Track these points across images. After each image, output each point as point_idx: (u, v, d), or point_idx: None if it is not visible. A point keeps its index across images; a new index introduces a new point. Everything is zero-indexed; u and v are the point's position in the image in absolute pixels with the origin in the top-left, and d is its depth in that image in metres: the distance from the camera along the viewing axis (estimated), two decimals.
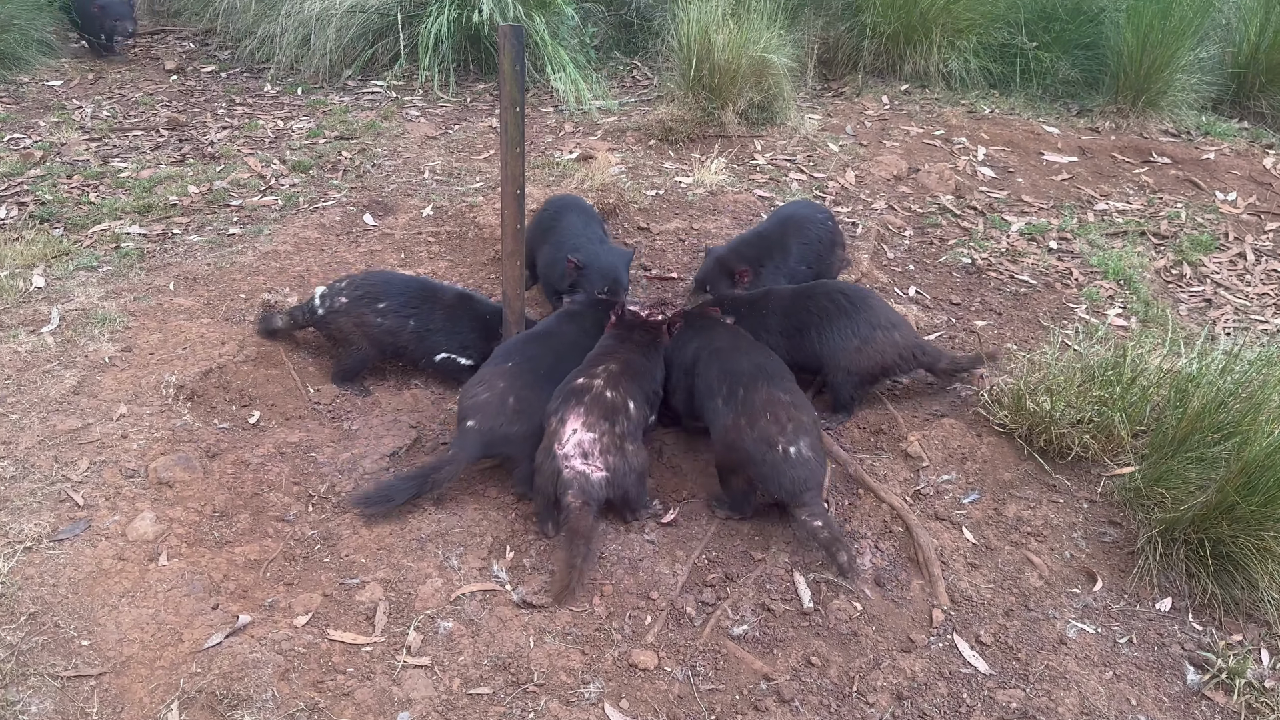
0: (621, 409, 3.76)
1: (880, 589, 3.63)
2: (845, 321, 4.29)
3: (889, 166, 7.10)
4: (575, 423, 3.66)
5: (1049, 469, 4.09)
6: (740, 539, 3.85)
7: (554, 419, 3.70)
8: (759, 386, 3.79)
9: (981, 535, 3.84)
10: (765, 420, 3.69)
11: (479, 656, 3.26)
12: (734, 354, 4.00)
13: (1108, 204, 7.06)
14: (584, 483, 3.59)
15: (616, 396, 3.76)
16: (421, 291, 4.61)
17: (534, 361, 4.06)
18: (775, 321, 4.39)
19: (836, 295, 4.39)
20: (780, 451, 3.64)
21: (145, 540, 3.49)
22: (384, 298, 4.50)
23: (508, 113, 3.80)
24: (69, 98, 7.55)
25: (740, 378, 3.85)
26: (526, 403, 3.91)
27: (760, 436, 3.67)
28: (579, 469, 3.60)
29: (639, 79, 8.43)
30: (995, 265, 6.13)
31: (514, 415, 3.88)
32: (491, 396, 3.91)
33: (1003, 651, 3.41)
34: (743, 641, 3.40)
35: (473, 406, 3.93)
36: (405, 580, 3.52)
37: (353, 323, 4.47)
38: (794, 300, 4.44)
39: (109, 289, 4.88)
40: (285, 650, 3.17)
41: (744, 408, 3.74)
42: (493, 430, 3.86)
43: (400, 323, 4.50)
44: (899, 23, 8.27)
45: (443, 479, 3.77)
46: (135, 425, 3.96)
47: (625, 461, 3.68)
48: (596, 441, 3.63)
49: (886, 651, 3.38)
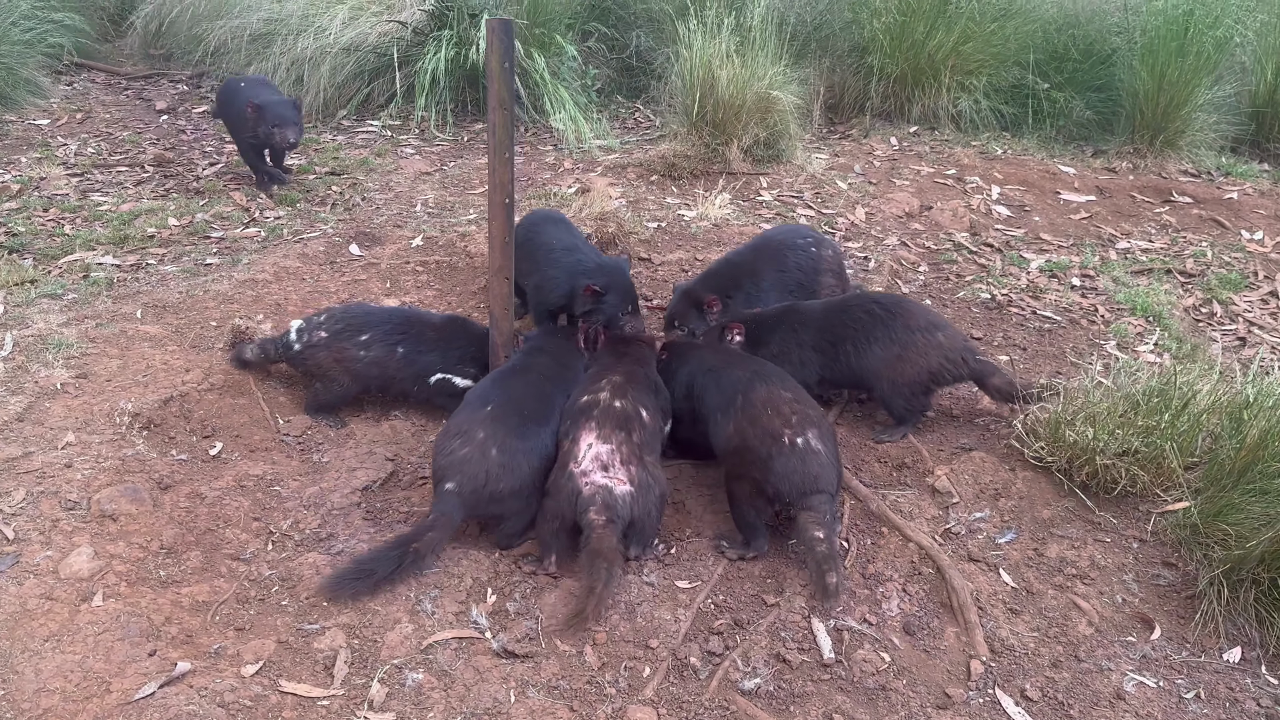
0: (635, 417, 3.50)
1: (910, 637, 3.21)
2: (881, 330, 4.03)
3: (900, 204, 6.81)
4: (589, 437, 3.40)
5: (1092, 505, 3.69)
6: (750, 581, 3.44)
7: (566, 441, 3.47)
8: (756, 388, 3.58)
9: (1021, 578, 3.43)
10: (767, 416, 3.48)
11: (450, 712, 2.84)
12: (728, 367, 3.78)
13: (1130, 242, 6.75)
14: (607, 497, 3.27)
15: (627, 405, 3.52)
16: (406, 318, 4.29)
17: (515, 403, 3.62)
18: (808, 337, 4.09)
19: (870, 305, 4.14)
20: (787, 443, 3.39)
21: (79, 578, 3.10)
22: (366, 329, 4.17)
23: (495, 114, 3.50)
24: (54, 135, 7.33)
25: (737, 386, 3.63)
26: (512, 453, 3.46)
27: (764, 432, 3.43)
28: (600, 483, 3.29)
29: (640, 120, 8.21)
30: (1016, 301, 5.79)
31: (500, 470, 3.41)
32: (471, 451, 3.44)
33: (1052, 707, 2.98)
34: (754, 697, 2.98)
35: (450, 465, 3.43)
36: (371, 626, 3.11)
37: (333, 357, 4.12)
38: (826, 315, 4.18)
39: (71, 316, 4.55)
40: (228, 703, 2.75)
41: (744, 411, 3.52)
42: (477, 491, 3.39)
43: (387, 351, 4.14)
44: (907, 64, 8.07)
45: (426, 550, 3.25)
46: (81, 454, 3.59)
47: (647, 474, 3.39)
48: (615, 452, 3.35)
49: (920, 708, 2.96)
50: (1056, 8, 8.12)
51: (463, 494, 3.39)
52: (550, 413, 3.66)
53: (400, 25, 7.54)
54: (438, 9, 7.50)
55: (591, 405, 3.51)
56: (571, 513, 3.29)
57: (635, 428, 3.47)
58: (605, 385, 3.59)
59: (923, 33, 7.88)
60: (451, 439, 3.50)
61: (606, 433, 3.40)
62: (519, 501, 3.47)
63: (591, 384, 3.65)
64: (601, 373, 3.71)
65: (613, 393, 3.56)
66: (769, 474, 3.38)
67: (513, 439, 3.49)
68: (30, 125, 7.51)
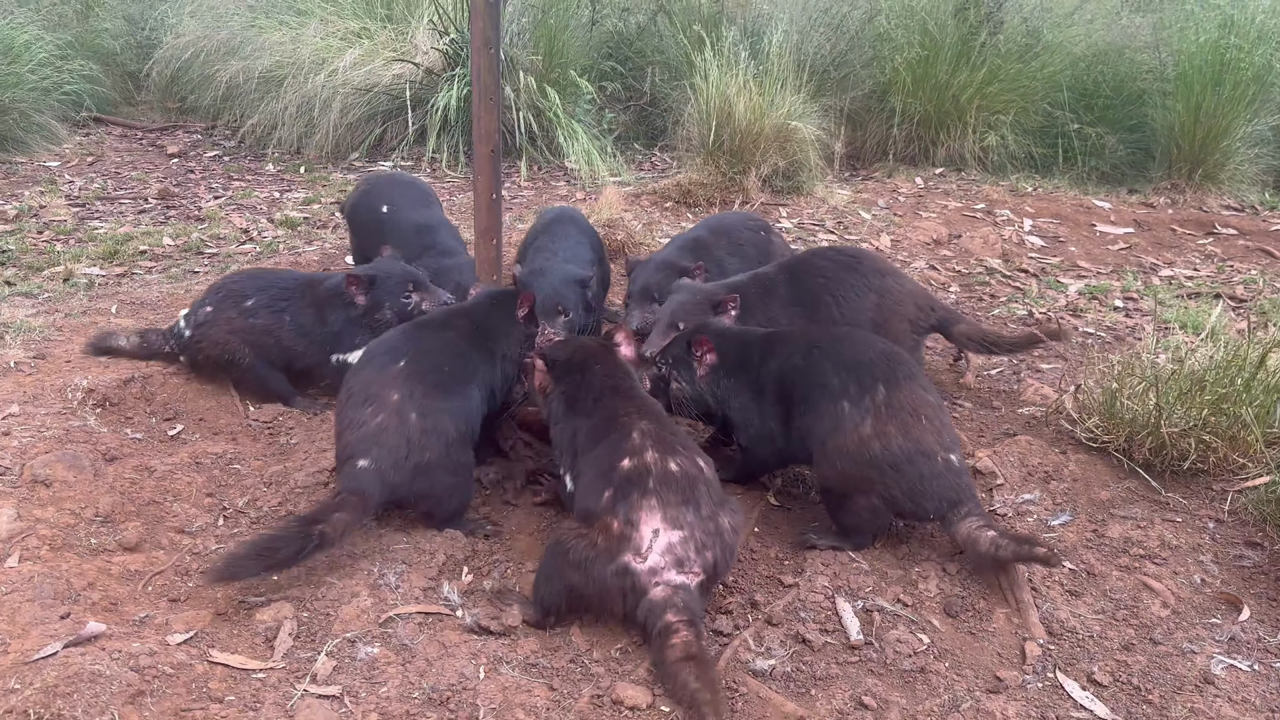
0: (699, 478, 2.70)
1: (952, 619, 2.74)
2: (852, 277, 3.68)
3: (927, 231, 6.50)
4: (653, 520, 2.59)
5: (1157, 485, 3.23)
6: (766, 564, 2.99)
7: (613, 520, 2.60)
8: (901, 386, 2.93)
9: (1080, 560, 2.95)
10: (919, 427, 2.88)
11: (408, 688, 2.40)
12: (843, 344, 3.10)
13: (1174, 270, 6.36)
14: (687, 597, 2.54)
15: (686, 464, 2.71)
16: (298, 280, 3.83)
17: (433, 356, 3.07)
18: (784, 291, 3.74)
19: (829, 254, 3.92)
20: (941, 463, 2.87)
21: None
22: (251, 294, 3.74)
23: (480, 55, 3.24)
24: (62, 174, 7.22)
25: (872, 373, 2.96)
26: (436, 416, 2.94)
27: (918, 450, 2.86)
28: (677, 582, 2.56)
29: (657, 164, 8.02)
30: (1056, 320, 5.39)
31: (424, 437, 2.91)
32: (386, 419, 2.93)
33: (1126, 693, 2.48)
34: (769, 678, 2.51)
35: (361, 439, 2.91)
36: (324, 599, 2.69)
37: (224, 330, 3.67)
38: (794, 272, 3.83)
39: (41, 309, 4.28)
40: (143, 668, 2.33)
41: (888, 413, 2.89)
42: (399, 465, 2.88)
43: (274, 320, 3.69)
44: (931, 105, 7.85)
45: (334, 534, 2.71)
46: (23, 425, 3.25)
47: (723, 548, 2.66)
48: (689, 540, 2.59)
49: (967, 692, 2.47)
50: (1084, 44, 7.91)
51: (381, 470, 2.87)
52: (473, 374, 3.12)
53: (414, 66, 7.46)
54: (451, 49, 7.42)
55: (642, 474, 2.65)
56: (621, 609, 2.59)
57: (703, 494, 2.67)
58: (640, 442, 2.73)
59: (946, 72, 7.68)
60: (359, 407, 2.96)
61: (676, 513, 2.60)
62: (448, 474, 2.95)
63: (614, 439, 2.77)
64: (614, 420, 2.84)
65: (657, 447, 2.72)
66: (921, 497, 2.85)
67: (435, 399, 2.97)
68: (40, 166, 7.42)
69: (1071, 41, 7.92)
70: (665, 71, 8.21)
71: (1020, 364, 4.52)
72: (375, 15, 7.99)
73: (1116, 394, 3.31)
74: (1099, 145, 7.82)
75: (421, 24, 7.69)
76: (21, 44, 7.65)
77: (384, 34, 7.74)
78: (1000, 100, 7.82)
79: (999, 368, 4.41)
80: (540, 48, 7.44)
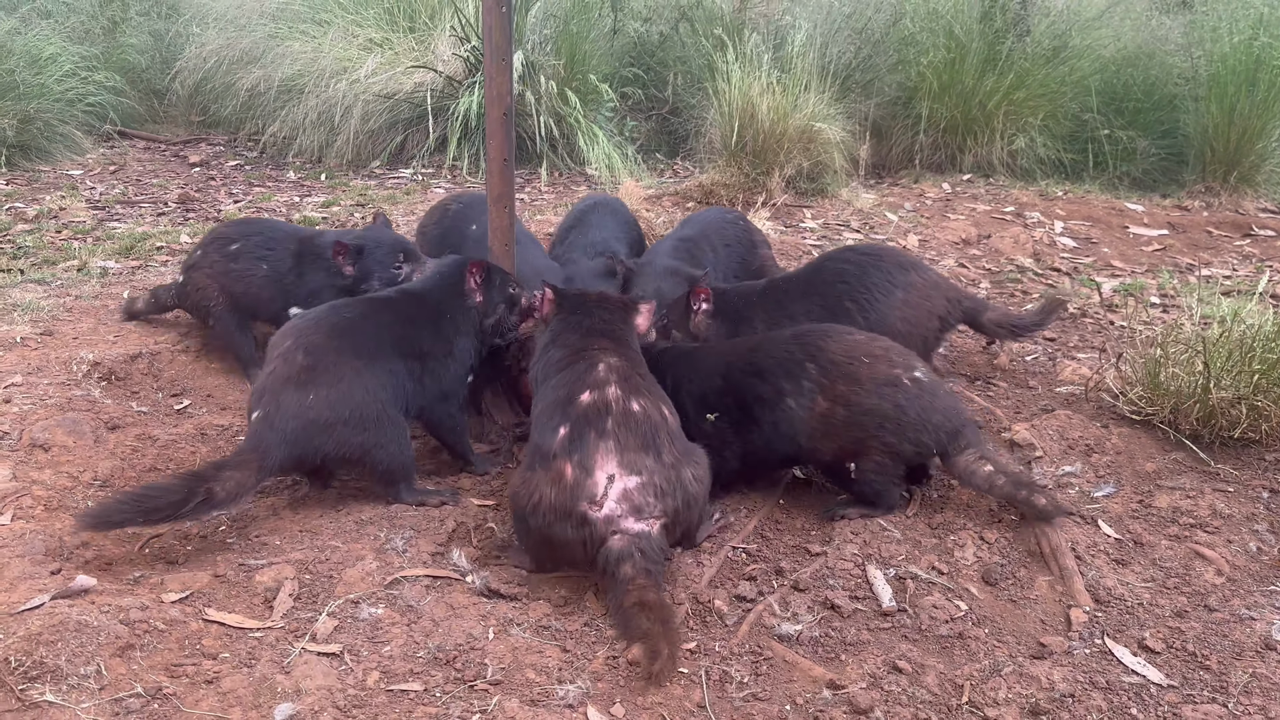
0: (661, 425, 2.57)
1: (991, 587, 2.57)
2: (877, 275, 3.47)
3: (956, 232, 6.35)
4: (608, 464, 2.46)
5: (1206, 457, 3.06)
6: (792, 534, 2.85)
7: (565, 464, 2.47)
8: (827, 345, 2.83)
9: (1126, 529, 2.78)
10: (866, 365, 2.77)
11: (412, 647, 2.27)
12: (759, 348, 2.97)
13: (1211, 270, 6.17)
14: (645, 545, 2.42)
15: (649, 406, 2.58)
16: (288, 233, 3.69)
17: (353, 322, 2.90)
18: (799, 307, 3.51)
19: (848, 254, 3.67)
20: (908, 383, 2.74)
21: None
22: (238, 238, 3.62)
23: (491, 13, 3.16)
24: (84, 180, 7.23)
25: (794, 355, 2.85)
26: (342, 373, 2.75)
27: (874, 383, 2.74)
28: (635, 530, 2.43)
29: (679, 171, 7.95)
30: (1091, 314, 5.22)
31: (329, 393, 2.72)
32: (284, 369, 2.73)
33: (1181, 659, 2.31)
34: (795, 643, 2.36)
35: (257, 391, 2.75)
36: (328, 562, 2.57)
37: (206, 275, 3.57)
38: (810, 278, 3.61)
39: (52, 292, 4.22)
40: (134, 622, 2.21)
41: (828, 375, 2.78)
42: (293, 417, 2.67)
43: (251, 266, 3.57)
44: (957, 111, 7.73)
45: (225, 495, 2.53)
46: (26, 394, 3.17)
47: (686, 497, 2.53)
48: (647, 485, 2.46)
49: (1009, 657, 2.31)
50: (1113, 47, 7.79)
51: (272, 422, 2.67)
52: (403, 345, 2.94)
53: (435, 74, 7.45)
54: (472, 56, 7.40)
55: (600, 410, 2.52)
56: (584, 556, 2.46)
57: (664, 441, 2.54)
58: (605, 375, 2.61)
59: (973, 78, 7.58)
60: (265, 364, 2.84)
61: (634, 458, 2.48)
62: (355, 432, 2.74)
63: (578, 371, 2.65)
64: (579, 352, 2.72)
65: (621, 385, 2.59)
66: (903, 428, 2.72)
67: (326, 339, 2.79)
68: (63, 174, 7.44)
69: (1100, 45, 7.80)
70: (687, 79, 8.16)
71: (1055, 350, 4.37)
72: (398, 26, 8.00)
73: (1161, 363, 3.15)
74: (1130, 150, 7.67)
75: (443, 33, 7.69)
76: (47, 56, 7.71)
77: (405, 43, 7.74)
78: (1028, 106, 7.69)
79: (1033, 353, 4.25)
80: (562, 54, 7.41)
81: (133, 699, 2.02)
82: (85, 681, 2.02)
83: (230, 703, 2.05)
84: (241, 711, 2.02)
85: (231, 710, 2.03)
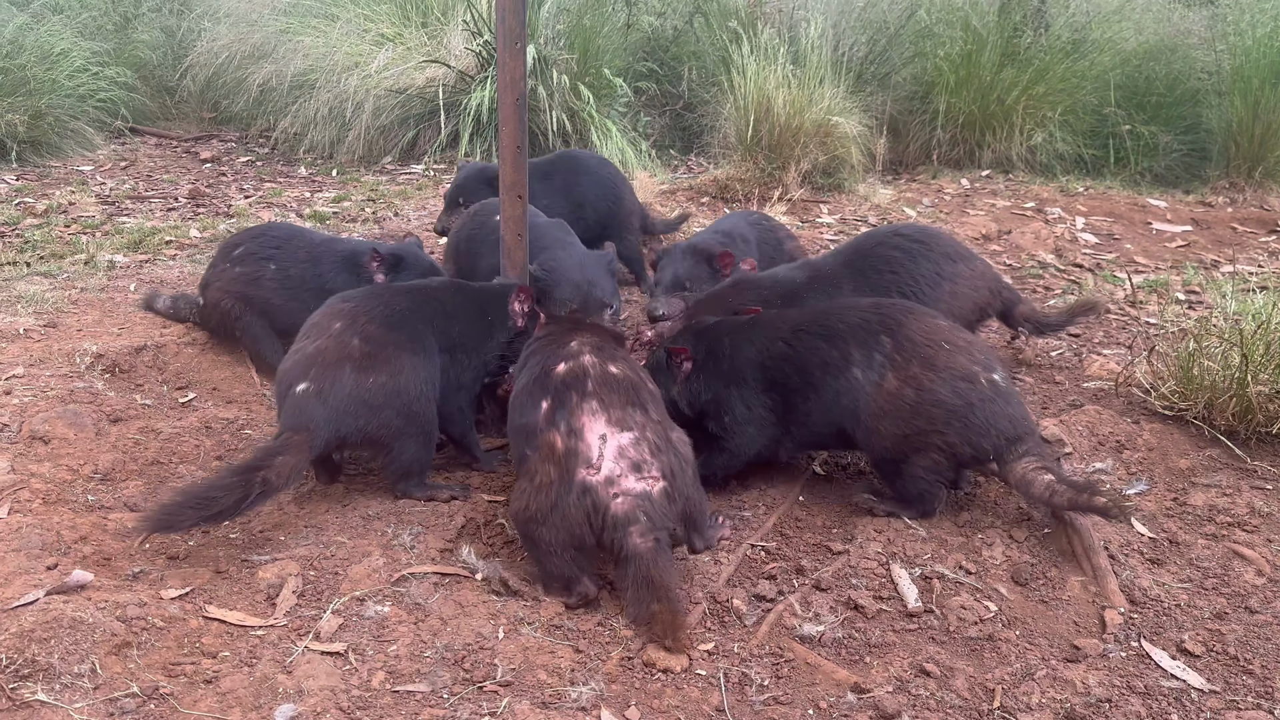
0: (640, 385, 2.51)
1: (1021, 587, 2.47)
2: (927, 265, 3.35)
3: (976, 227, 6.24)
4: (597, 425, 2.35)
5: (1243, 454, 2.95)
6: (813, 531, 2.75)
7: (555, 434, 2.36)
8: (907, 323, 2.69)
9: (1160, 528, 2.68)
10: (945, 353, 2.62)
11: (419, 647, 2.18)
12: (829, 314, 2.84)
13: (1236, 266, 6.04)
14: (648, 507, 2.30)
15: (626, 370, 2.52)
16: (293, 235, 3.58)
17: (383, 300, 2.87)
18: (848, 288, 3.40)
19: (894, 239, 3.50)
20: (985, 384, 2.60)
21: None
22: (243, 241, 3.52)
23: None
24: (94, 176, 7.19)
25: (871, 326, 2.71)
26: (384, 348, 2.70)
27: (954, 375, 2.59)
28: (637, 489, 2.31)
29: (694, 168, 7.85)
30: (1116, 311, 5.10)
31: (370, 365, 2.67)
32: (326, 343, 2.69)
33: (1223, 663, 2.20)
34: (817, 645, 2.26)
35: (298, 363, 2.69)
36: (333, 558, 2.49)
37: (222, 287, 3.45)
38: (858, 264, 3.47)
39: (58, 285, 4.16)
40: (131, 619, 2.13)
41: (904, 354, 2.64)
42: (341, 391, 2.62)
43: (258, 268, 3.45)
44: (975, 106, 7.62)
45: (278, 480, 2.49)
46: (27, 386, 3.09)
47: (679, 458, 2.44)
48: (641, 441, 2.36)
49: (1041, 660, 2.21)
50: (1135, 41, 7.66)
51: (323, 394, 2.61)
52: (426, 324, 2.88)
53: (447, 69, 7.37)
54: (484, 51, 7.32)
55: (580, 375, 2.45)
56: (591, 535, 2.31)
57: (649, 399, 2.49)
58: (579, 348, 2.55)
59: (991, 72, 7.46)
60: (301, 339, 2.79)
61: (621, 414, 2.38)
62: (399, 417, 2.68)
63: (552, 350, 2.59)
64: (554, 337, 2.68)
65: (596, 354, 2.53)
66: (969, 431, 2.56)
67: (384, 330, 2.74)
68: (73, 170, 7.40)
69: (1121, 38, 7.68)
70: (701, 74, 8.07)
71: (1080, 345, 4.26)
72: (409, 21, 7.93)
73: (1194, 356, 3.04)
74: (1152, 145, 7.54)
75: (455, 27, 7.61)
76: (59, 51, 7.67)
77: (416, 37, 7.67)
78: (1048, 100, 7.57)
79: (1059, 349, 4.14)
80: (575, 48, 7.33)
81: (128, 699, 1.94)
82: (79, 680, 1.95)
83: (230, 703, 1.97)
84: (241, 712, 1.94)
85: (231, 711, 1.95)
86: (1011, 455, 2.57)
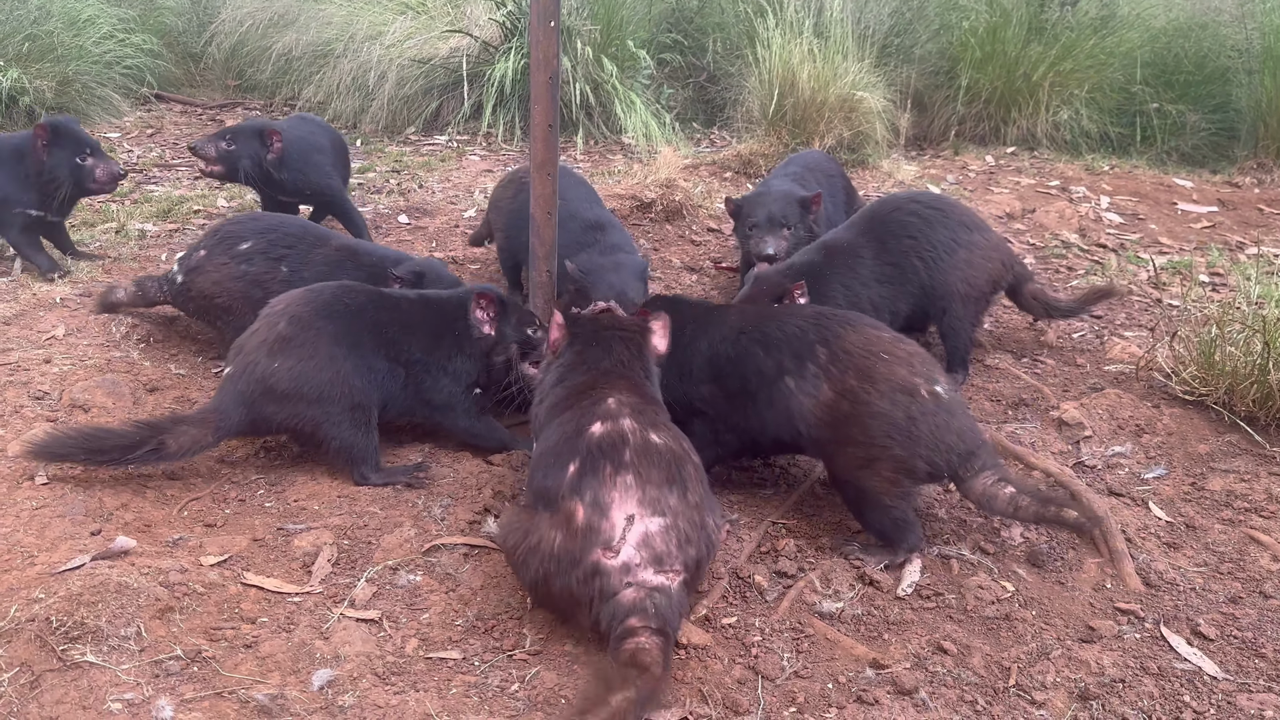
0: (684, 458, 2.26)
1: (1037, 569, 2.52)
2: (944, 232, 3.38)
3: (1000, 205, 6.22)
4: (627, 503, 2.11)
5: (1262, 440, 2.98)
6: (833, 509, 2.80)
7: (577, 503, 2.12)
8: (844, 333, 2.59)
9: (1177, 512, 2.72)
10: (883, 364, 2.52)
11: (450, 615, 2.25)
12: (767, 320, 2.76)
13: (1262, 249, 6.01)
14: (661, 603, 2.07)
15: (669, 441, 2.26)
16: (301, 232, 3.46)
17: (336, 294, 2.86)
18: (869, 271, 3.41)
19: (911, 204, 3.51)
20: (926, 395, 2.49)
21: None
22: (248, 237, 3.37)
23: None
24: (122, 143, 7.25)
25: (808, 335, 2.62)
26: (304, 335, 2.70)
27: (891, 386, 2.48)
28: (653, 584, 2.08)
29: (716, 142, 7.84)
30: (1138, 292, 5.09)
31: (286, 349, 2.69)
32: (260, 325, 2.75)
33: (1236, 647, 2.25)
34: (837, 621, 2.32)
35: (235, 347, 2.78)
36: (366, 528, 2.56)
37: (213, 279, 3.30)
38: (873, 228, 3.48)
39: (91, 253, 4.22)
40: (174, 584, 2.21)
41: (839, 364, 2.55)
42: (252, 377, 2.66)
43: (269, 269, 3.32)
44: (1000, 82, 7.56)
45: (178, 447, 2.55)
46: (65, 354, 3.17)
47: (709, 546, 2.22)
48: (670, 530, 2.11)
49: (1057, 640, 2.26)
50: (1164, 18, 7.57)
51: (235, 379, 2.68)
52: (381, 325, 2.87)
53: (471, 39, 7.37)
54: (508, 21, 7.31)
55: (617, 441, 2.19)
56: (589, 619, 2.11)
57: (690, 477, 2.22)
58: (616, 408, 2.29)
59: (1017, 47, 7.40)
60: (256, 320, 2.83)
61: (656, 494, 2.13)
62: (310, 407, 2.68)
63: (584, 404, 2.34)
64: (588, 386, 2.43)
65: (637, 417, 2.26)
66: (915, 444, 2.45)
67: (314, 317, 2.74)
68: (101, 137, 7.45)
69: (1150, 15, 7.59)
70: (726, 46, 8.03)
71: (1102, 327, 4.27)
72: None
73: (1216, 342, 3.06)
74: (1179, 124, 7.47)
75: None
76: (86, 18, 7.71)
77: (439, 6, 7.66)
78: (1074, 77, 7.50)
79: (1080, 330, 4.16)
80: (599, 19, 7.31)
81: (172, 661, 2.02)
82: (126, 643, 2.03)
83: (269, 667, 2.04)
84: (280, 676, 2.02)
85: (270, 674, 2.02)
86: (968, 471, 2.48)
